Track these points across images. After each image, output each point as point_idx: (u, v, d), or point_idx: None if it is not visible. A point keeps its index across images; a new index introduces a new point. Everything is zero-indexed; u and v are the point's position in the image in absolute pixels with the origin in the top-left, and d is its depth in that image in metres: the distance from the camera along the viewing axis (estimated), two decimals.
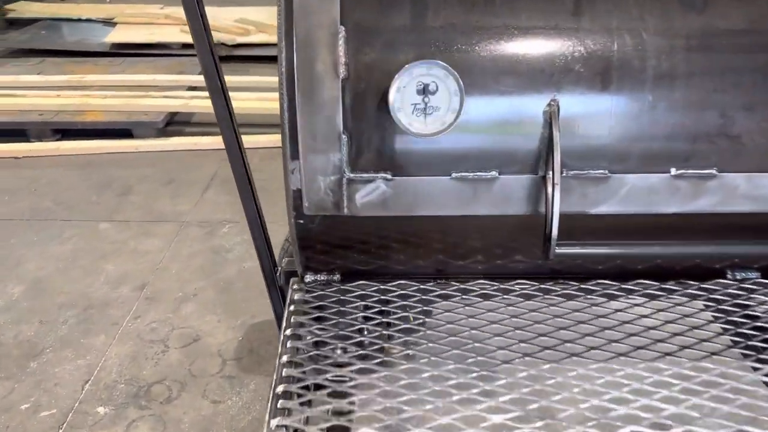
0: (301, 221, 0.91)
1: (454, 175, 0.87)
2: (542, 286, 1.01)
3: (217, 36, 5.25)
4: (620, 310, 0.96)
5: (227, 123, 1.05)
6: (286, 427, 0.76)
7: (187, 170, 3.46)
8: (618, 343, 0.88)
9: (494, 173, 0.87)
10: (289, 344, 0.88)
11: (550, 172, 0.84)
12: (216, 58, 1.01)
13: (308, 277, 1.02)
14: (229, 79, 3.83)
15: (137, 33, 5.19)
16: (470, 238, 0.97)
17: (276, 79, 0.84)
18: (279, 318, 1.32)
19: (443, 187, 0.88)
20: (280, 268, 1.29)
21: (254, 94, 4.03)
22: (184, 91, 4.19)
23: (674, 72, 0.83)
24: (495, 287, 1.02)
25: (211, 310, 2.32)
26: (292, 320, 0.93)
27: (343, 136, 0.84)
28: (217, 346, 2.15)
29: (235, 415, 1.88)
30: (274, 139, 3.68)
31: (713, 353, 0.87)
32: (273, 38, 5.37)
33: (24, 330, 2.22)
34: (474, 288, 1.02)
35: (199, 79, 4.51)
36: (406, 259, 1.00)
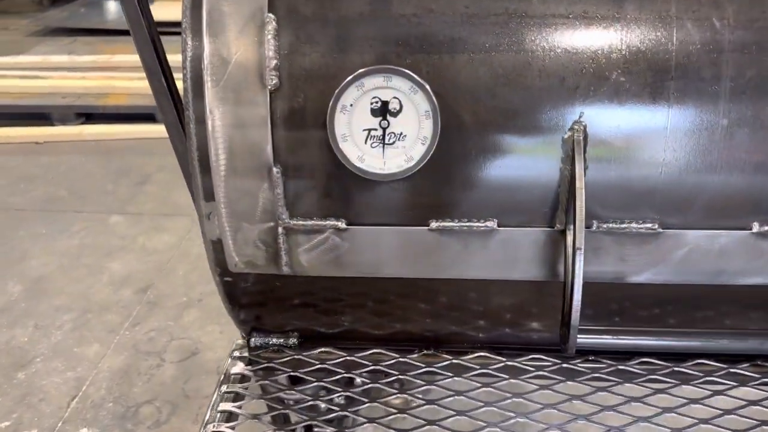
0: (229, 279, 0.68)
1: (433, 225, 0.62)
2: (565, 365, 0.74)
3: None
4: (673, 408, 0.69)
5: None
6: None
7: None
8: None
9: (492, 224, 0.61)
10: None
11: (571, 227, 0.58)
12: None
13: (255, 340, 0.78)
14: None
15: (175, 10, 5.05)
16: (464, 301, 0.71)
17: None
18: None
19: (419, 240, 0.63)
20: None
21: None
22: None
23: (763, 83, 0.55)
24: (499, 364, 0.76)
25: (214, 319, 2.14)
26: (219, 409, 0.70)
27: (275, 170, 0.59)
28: (216, 361, 1.97)
29: None
30: None
31: None
32: None
33: (18, 335, 2.09)
34: (472, 364, 0.76)
35: None
36: (380, 324, 0.76)
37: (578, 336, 0.58)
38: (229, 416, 0.70)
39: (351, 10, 0.58)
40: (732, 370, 0.73)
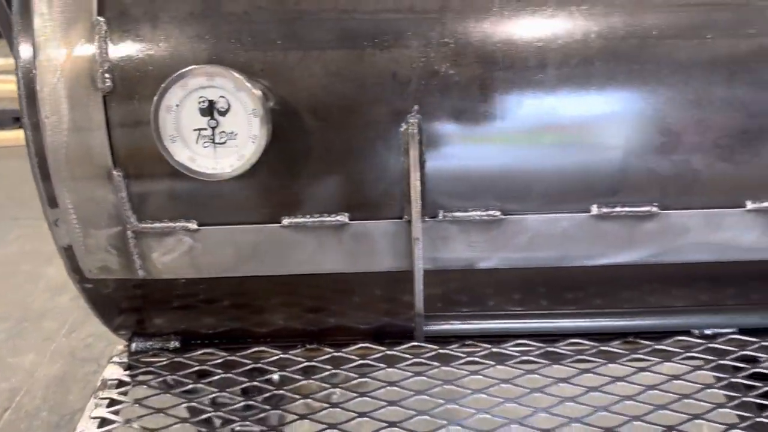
0: (89, 285, 0.67)
1: (285, 221, 0.62)
2: (443, 351, 0.76)
3: None
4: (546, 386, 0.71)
5: None
6: None
7: None
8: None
9: (343, 218, 0.62)
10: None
11: (410, 217, 0.58)
12: None
13: (135, 346, 0.78)
14: None
15: None
16: (336, 295, 0.72)
17: None
18: None
19: (273, 237, 0.63)
20: None
21: None
22: None
23: (590, 71, 0.56)
24: (379, 354, 0.77)
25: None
26: (92, 414, 0.70)
27: (116, 173, 0.59)
28: None
29: None
30: None
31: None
32: None
33: None
34: (352, 356, 0.77)
35: None
36: (261, 320, 0.76)
37: (429, 323, 0.59)
38: (102, 422, 0.70)
39: (182, 10, 0.57)
40: (602, 348, 0.75)
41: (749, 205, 0.60)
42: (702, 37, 0.57)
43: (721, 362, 0.74)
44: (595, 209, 0.60)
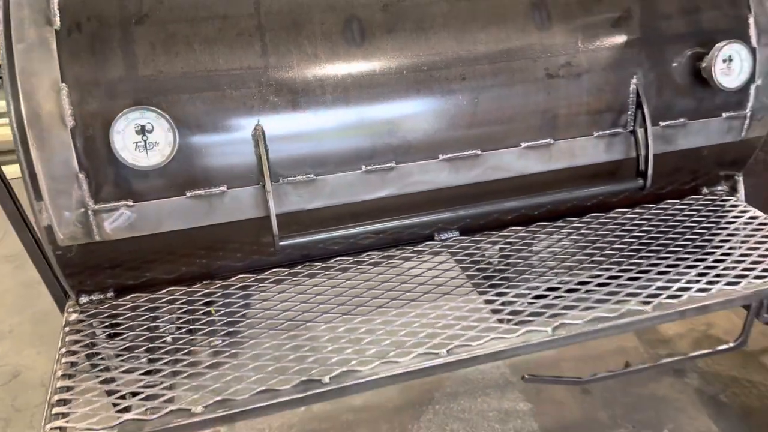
0: (60, 252, 1.04)
1: (188, 194, 1.05)
2: (293, 270, 1.23)
3: None
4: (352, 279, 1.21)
5: None
6: (60, 428, 0.90)
7: None
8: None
9: (223, 188, 1.06)
10: (64, 360, 1.02)
11: (267, 183, 1.05)
12: None
13: (82, 299, 1.15)
14: None
15: None
16: (218, 243, 1.15)
17: None
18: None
19: (181, 205, 1.05)
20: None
21: None
22: None
23: (347, 96, 1.08)
24: (252, 278, 1.22)
25: (29, 344, 2.31)
26: (66, 339, 1.06)
27: (80, 175, 0.98)
28: (39, 377, 2.17)
29: None
30: None
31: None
32: None
33: None
34: (234, 283, 1.21)
35: None
36: (170, 269, 1.17)
37: (282, 240, 1.06)
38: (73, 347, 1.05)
39: (113, 75, 0.98)
40: (386, 253, 1.27)
41: (441, 156, 1.15)
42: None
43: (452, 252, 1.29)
44: (363, 168, 1.11)
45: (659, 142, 1.24)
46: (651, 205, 1.40)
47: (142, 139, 0.96)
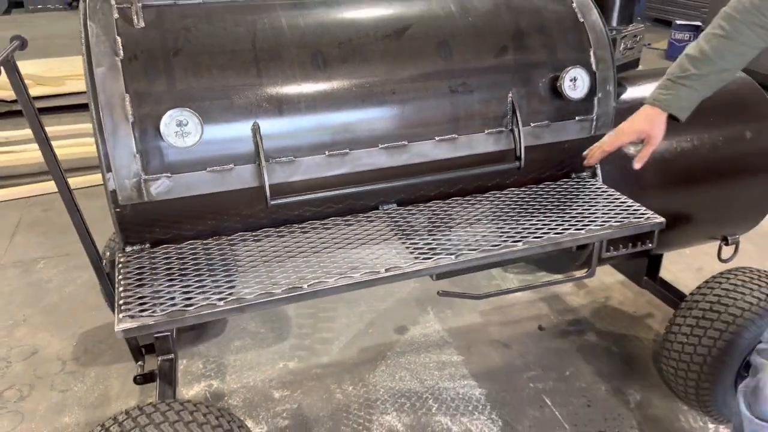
0: (119, 210, 1.51)
1: (208, 169, 1.54)
2: (278, 230, 1.72)
3: None
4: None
5: (54, 167, 1.61)
6: (131, 316, 1.35)
7: None
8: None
9: (231, 166, 1.56)
10: (122, 282, 1.49)
11: (262, 163, 1.55)
12: (37, 113, 1.57)
13: (127, 249, 1.62)
14: (21, 133, 4.28)
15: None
16: (226, 206, 1.64)
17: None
18: (110, 296, 1.88)
19: (203, 177, 1.54)
20: (105, 260, 1.86)
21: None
22: None
23: (315, 106, 1.60)
24: (249, 235, 1.71)
25: (42, 329, 2.71)
26: (121, 271, 1.53)
27: (137, 155, 1.46)
28: (56, 353, 2.57)
29: (82, 396, 2.34)
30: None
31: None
32: (55, 90, 5.59)
33: None
34: (235, 238, 1.69)
35: None
36: (190, 227, 1.65)
37: (273, 199, 1.56)
38: (126, 276, 1.52)
39: (160, 88, 1.48)
40: (346, 219, 1.78)
41: (380, 146, 1.68)
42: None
43: (391, 217, 1.80)
44: (326, 153, 1.63)
45: (530, 138, 1.80)
46: (534, 186, 1.95)
47: (180, 128, 1.46)
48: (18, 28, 9.03)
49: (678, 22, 7.12)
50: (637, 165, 1.73)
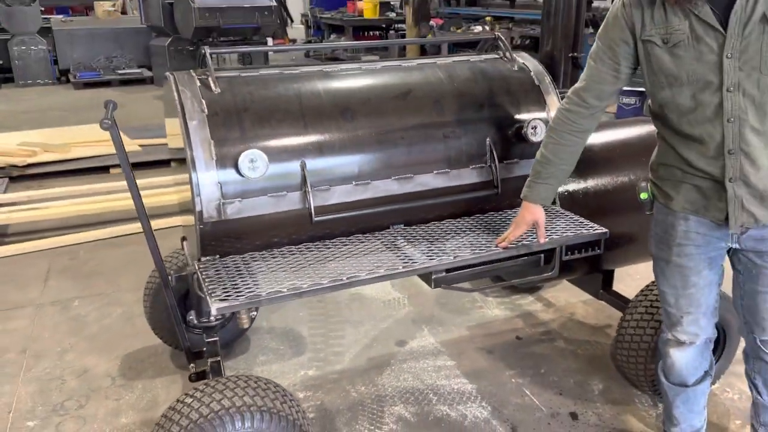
0: (202, 226, 2.02)
1: (268, 195, 2.07)
2: (317, 243, 2.23)
3: (5, 160, 5.84)
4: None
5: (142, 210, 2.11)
6: (221, 299, 1.83)
7: (21, 269, 4.08)
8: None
9: (285, 192, 2.08)
10: (204, 273, 1.97)
11: (308, 190, 2.09)
12: (129, 168, 2.09)
13: (203, 259, 2.11)
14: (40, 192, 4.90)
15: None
16: (277, 224, 2.16)
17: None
18: (173, 308, 2.36)
19: (264, 201, 2.05)
20: (171, 275, 2.34)
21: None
22: None
23: (345, 147, 2.16)
24: (293, 249, 2.21)
25: (88, 354, 3.11)
26: (201, 273, 2.01)
27: (218, 184, 1.98)
28: (104, 371, 2.97)
29: (134, 403, 2.74)
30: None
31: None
32: (63, 156, 6.07)
33: None
34: (284, 251, 2.20)
35: (7, 198, 5.08)
36: (252, 241, 2.15)
37: (318, 216, 2.09)
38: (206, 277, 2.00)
39: (235, 135, 2.02)
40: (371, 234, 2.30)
41: (393, 177, 2.23)
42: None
43: (400, 234, 2.33)
44: (353, 183, 2.17)
45: (504, 172, 2.38)
46: (509, 210, 2.52)
47: (252, 164, 2.00)
48: (9, 102, 9.56)
49: (624, 88, 8.03)
50: (542, 241, 2.18)
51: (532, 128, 2.39)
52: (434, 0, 16.74)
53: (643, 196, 2.02)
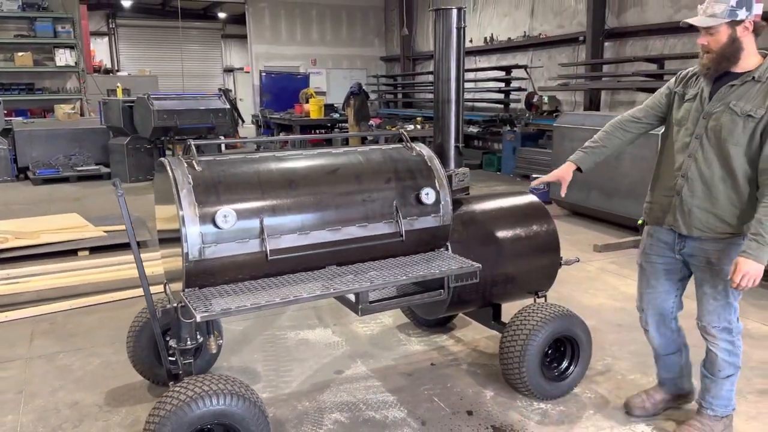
0: (187, 264, 2.80)
1: (237, 241, 2.88)
2: (280, 276, 3.03)
3: None
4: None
5: (143, 277, 2.88)
6: (206, 311, 2.58)
7: (7, 333, 4.65)
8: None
9: (247, 239, 2.90)
10: (191, 300, 2.73)
11: (265, 238, 2.92)
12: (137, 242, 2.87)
13: (187, 290, 2.87)
14: (18, 270, 5.72)
15: None
16: (243, 263, 2.95)
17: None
18: (158, 336, 3.09)
19: (233, 245, 2.85)
20: (158, 308, 3.09)
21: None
22: None
23: (292, 209, 3.02)
24: (254, 282, 3.00)
25: (77, 391, 3.71)
26: (186, 297, 2.77)
27: (201, 232, 2.79)
28: (92, 402, 3.57)
29: (120, 422, 3.37)
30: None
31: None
32: (33, 242, 6.70)
33: None
34: (247, 283, 2.99)
35: None
36: (222, 276, 2.93)
37: (271, 257, 2.91)
38: (191, 299, 2.76)
39: (212, 199, 2.86)
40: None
41: (327, 229, 3.09)
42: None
43: (332, 273, 3.16)
44: (297, 233, 3.02)
45: (407, 225, 3.28)
46: (413, 254, 3.40)
47: (224, 218, 2.83)
48: None
49: (534, 175, 9.33)
50: (564, 192, 3.17)
51: (425, 194, 3.32)
52: (375, 102, 18.40)
53: (640, 222, 3.09)
